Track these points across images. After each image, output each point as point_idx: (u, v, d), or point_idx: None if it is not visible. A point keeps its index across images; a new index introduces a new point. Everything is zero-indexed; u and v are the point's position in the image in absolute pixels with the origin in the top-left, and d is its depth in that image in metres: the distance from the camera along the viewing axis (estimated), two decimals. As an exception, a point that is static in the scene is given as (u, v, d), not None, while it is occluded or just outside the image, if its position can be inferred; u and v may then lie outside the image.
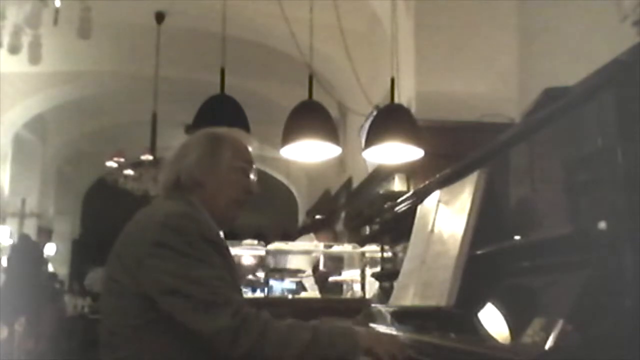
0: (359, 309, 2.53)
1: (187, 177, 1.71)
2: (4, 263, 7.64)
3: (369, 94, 5.38)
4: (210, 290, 1.50)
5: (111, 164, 7.75)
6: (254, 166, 1.82)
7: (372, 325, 2.13)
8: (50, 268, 9.66)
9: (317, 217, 7.45)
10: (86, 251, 11.63)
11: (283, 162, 6.61)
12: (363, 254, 4.44)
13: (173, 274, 1.51)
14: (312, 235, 5.74)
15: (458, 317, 1.48)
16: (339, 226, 6.91)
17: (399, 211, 2.41)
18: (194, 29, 6.79)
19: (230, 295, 1.53)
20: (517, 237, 1.46)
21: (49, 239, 10.53)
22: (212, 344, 1.48)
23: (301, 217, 10.58)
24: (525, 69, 4.53)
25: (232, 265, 1.68)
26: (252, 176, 1.80)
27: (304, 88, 4.08)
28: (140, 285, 1.53)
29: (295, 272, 4.85)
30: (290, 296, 4.68)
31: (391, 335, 1.73)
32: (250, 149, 1.84)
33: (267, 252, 4.55)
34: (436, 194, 1.90)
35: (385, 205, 2.76)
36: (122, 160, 7.71)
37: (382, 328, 2.03)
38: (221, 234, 1.82)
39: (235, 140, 1.81)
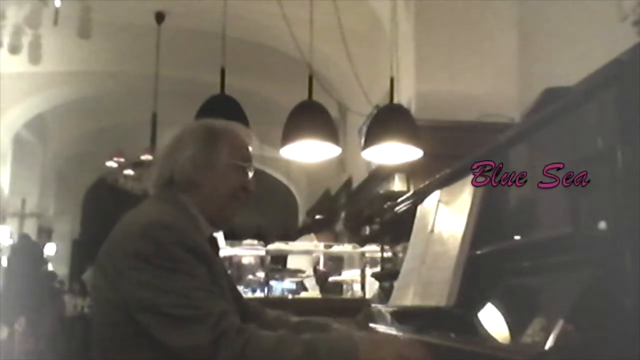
0: (359, 309, 2.53)
1: (181, 176, 1.62)
2: (4, 263, 7.65)
3: (369, 94, 5.38)
4: (189, 303, 1.41)
5: (111, 164, 7.76)
6: (252, 162, 1.72)
7: (372, 325, 2.14)
8: (50, 268, 9.67)
9: (317, 217, 7.44)
10: (86, 251, 11.62)
11: (283, 162, 6.62)
12: (363, 254, 4.44)
13: (150, 288, 1.43)
14: (312, 235, 5.74)
15: (458, 317, 1.47)
16: (339, 226, 6.91)
17: (399, 211, 2.41)
18: (194, 29, 6.80)
19: (212, 306, 1.42)
20: (517, 237, 1.46)
21: (49, 239, 10.54)
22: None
23: (301, 217, 10.58)
24: (525, 69, 4.54)
25: (219, 273, 1.58)
26: (250, 173, 1.70)
27: (304, 88, 4.08)
28: (121, 297, 1.46)
29: (295, 272, 4.85)
30: (290, 296, 4.68)
31: (406, 341, 1.58)
32: (249, 146, 1.73)
33: (267, 252, 4.55)
34: (436, 194, 1.90)
35: (385, 205, 2.76)
36: (122, 160, 7.71)
37: (382, 328, 2.03)
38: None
39: (232, 135, 1.70)
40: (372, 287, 3.76)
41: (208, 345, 1.37)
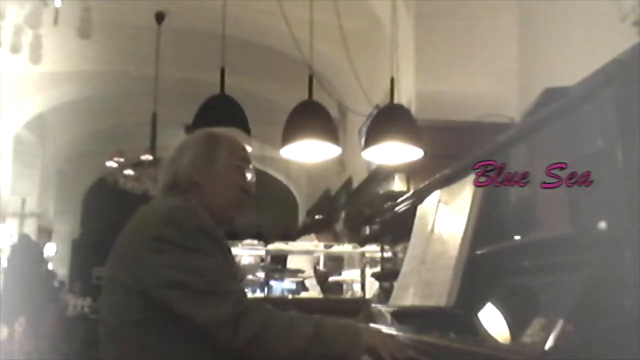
0: (359, 309, 2.53)
1: (183, 177, 1.71)
2: (4, 263, 7.65)
3: (369, 94, 5.38)
4: (211, 280, 1.50)
5: (111, 164, 7.76)
6: (251, 165, 1.82)
7: (372, 325, 2.14)
8: (50, 268, 9.67)
9: (317, 217, 7.44)
10: (86, 251, 11.63)
11: (283, 162, 6.63)
12: (363, 254, 4.44)
13: (173, 267, 1.51)
14: (312, 235, 5.73)
15: (458, 317, 1.48)
16: (339, 226, 6.90)
17: (399, 211, 2.41)
18: (194, 29, 6.80)
19: (231, 285, 1.53)
20: (517, 237, 1.46)
21: (49, 239, 10.54)
22: (213, 334, 1.47)
23: (301, 217, 10.57)
24: (525, 69, 4.53)
25: (231, 261, 1.69)
26: (248, 175, 1.79)
27: (304, 88, 4.08)
28: (141, 281, 1.52)
29: (295, 272, 4.84)
30: (290, 296, 4.67)
31: (391, 336, 1.71)
32: (248, 148, 1.86)
33: (267, 252, 4.55)
34: (436, 194, 1.90)
35: (385, 205, 2.76)
36: (122, 160, 7.71)
37: (382, 328, 2.03)
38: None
39: (231, 139, 1.82)
40: (372, 287, 3.76)
41: (232, 319, 1.46)
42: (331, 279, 5.02)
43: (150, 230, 1.56)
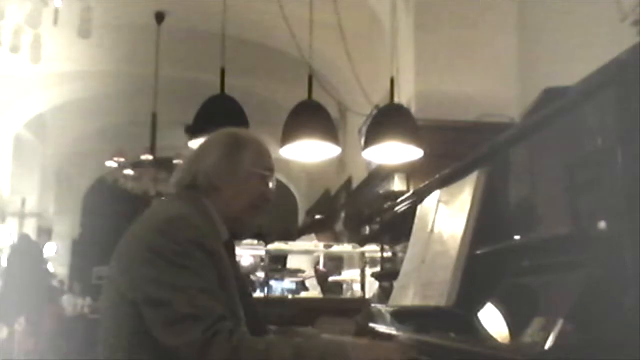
0: (359, 309, 2.53)
1: (204, 179, 1.67)
2: (4, 263, 7.64)
3: (369, 94, 5.38)
4: (190, 302, 1.43)
5: (111, 164, 7.76)
6: (274, 173, 1.77)
7: (372, 325, 2.14)
8: (51, 268, 9.66)
9: (317, 217, 7.44)
10: (86, 251, 11.63)
11: (283, 162, 6.59)
12: (363, 254, 4.44)
13: (156, 282, 1.46)
14: (312, 235, 5.73)
15: (458, 317, 1.48)
16: (339, 226, 6.90)
17: (399, 211, 2.41)
18: (194, 29, 6.80)
19: (212, 308, 1.44)
20: (517, 237, 1.46)
21: (49, 239, 10.53)
22: (180, 357, 1.43)
23: (301, 217, 10.57)
24: (525, 69, 4.53)
25: (228, 277, 1.59)
26: (271, 184, 1.75)
27: (304, 88, 4.08)
28: (131, 290, 1.50)
29: (295, 272, 4.84)
30: (290, 296, 4.67)
31: (393, 344, 1.64)
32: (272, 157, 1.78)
33: (267, 252, 4.55)
34: (436, 194, 1.90)
35: (385, 205, 2.76)
36: (122, 160, 7.72)
37: (382, 328, 2.03)
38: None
39: (258, 145, 1.75)
40: (372, 287, 3.76)
41: (200, 345, 1.40)
42: (331, 279, 5.02)
43: (145, 239, 1.53)
